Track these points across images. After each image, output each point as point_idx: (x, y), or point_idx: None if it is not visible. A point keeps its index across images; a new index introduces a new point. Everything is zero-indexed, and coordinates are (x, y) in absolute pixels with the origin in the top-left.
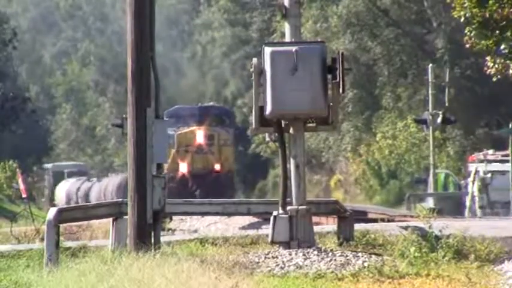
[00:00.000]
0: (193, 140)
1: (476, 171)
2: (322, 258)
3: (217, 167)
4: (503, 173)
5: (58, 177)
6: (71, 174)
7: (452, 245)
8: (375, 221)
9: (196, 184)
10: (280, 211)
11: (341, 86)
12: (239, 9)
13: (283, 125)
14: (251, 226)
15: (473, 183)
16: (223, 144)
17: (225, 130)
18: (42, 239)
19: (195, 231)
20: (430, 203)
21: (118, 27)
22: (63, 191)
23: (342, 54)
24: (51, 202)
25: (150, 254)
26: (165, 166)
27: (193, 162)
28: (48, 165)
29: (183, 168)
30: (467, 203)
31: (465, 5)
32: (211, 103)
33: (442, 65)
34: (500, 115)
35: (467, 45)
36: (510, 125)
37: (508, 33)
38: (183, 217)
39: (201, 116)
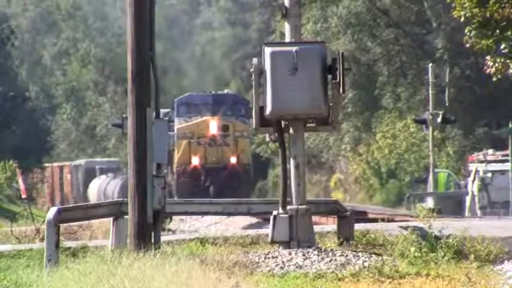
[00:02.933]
0: (207, 131)
1: (476, 171)
2: (322, 258)
3: (232, 160)
4: (503, 172)
5: (90, 174)
6: (102, 171)
7: (452, 245)
8: (375, 220)
9: (210, 179)
10: (280, 211)
11: (341, 86)
12: (239, 10)
13: (283, 125)
14: (251, 226)
15: (473, 183)
16: (239, 136)
17: (241, 120)
18: (42, 239)
19: (195, 231)
20: (429, 203)
21: (118, 28)
22: (94, 189)
23: (342, 54)
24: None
25: (150, 254)
26: (176, 159)
27: (207, 155)
28: (81, 162)
29: (196, 161)
30: (467, 203)
31: (465, 5)
32: (225, 90)
33: (442, 65)
34: (500, 115)
35: (467, 45)
36: (510, 125)
37: (509, 33)
38: (183, 217)
39: (214, 104)
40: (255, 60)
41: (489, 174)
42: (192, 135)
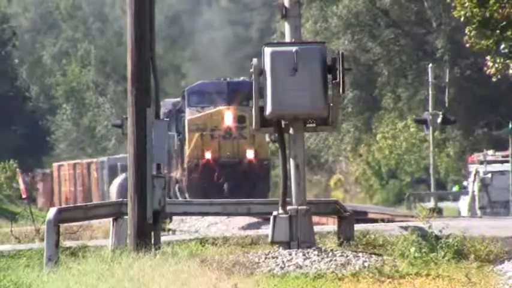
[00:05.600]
0: (221, 122)
1: (477, 172)
2: (322, 258)
3: (249, 154)
4: (503, 173)
5: (113, 171)
6: (124, 169)
7: (452, 245)
8: (375, 221)
9: (224, 175)
10: (280, 211)
11: (341, 86)
12: (239, 9)
13: (283, 125)
14: (251, 226)
15: (473, 184)
16: None
17: None
18: (42, 239)
19: (196, 231)
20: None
21: (118, 28)
22: (115, 187)
23: (342, 54)
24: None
25: (150, 254)
26: (187, 153)
27: (221, 149)
28: (104, 159)
29: (209, 156)
30: (467, 203)
31: (466, 4)
32: (241, 78)
33: (442, 65)
34: (500, 115)
35: (467, 45)
36: (510, 125)
37: (509, 33)
38: (183, 217)
39: (230, 93)
40: (255, 61)
41: (489, 175)
42: (205, 127)
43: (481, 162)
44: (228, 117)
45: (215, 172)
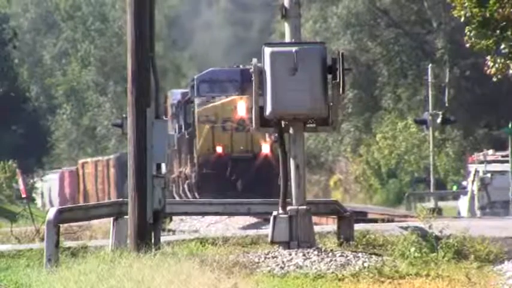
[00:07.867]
0: (233, 113)
1: (476, 172)
2: (322, 259)
3: (264, 148)
4: (502, 173)
5: (125, 168)
6: None
7: (452, 245)
8: (375, 221)
9: (237, 171)
10: (280, 211)
11: (341, 86)
12: (239, 9)
13: (283, 125)
14: (251, 226)
15: (472, 184)
16: None
17: None
18: (42, 239)
19: (195, 231)
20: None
21: (118, 28)
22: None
23: (342, 54)
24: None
25: (150, 254)
26: (197, 147)
27: (234, 143)
28: (118, 154)
29: (220, 149)
30: (466, 203)
31: (465, 4)
32: None
33: (442, 65)
34: (500, 115)
35: (467, 45)
36: (510, 125)
37: (509, 33)
38: (183, 217)
39: (243, 81)
40: (254, 60)
41: (489, 175)
42: (216, 118)
43: (481, 162)
44: (241, 107)
45: (227, 167)
